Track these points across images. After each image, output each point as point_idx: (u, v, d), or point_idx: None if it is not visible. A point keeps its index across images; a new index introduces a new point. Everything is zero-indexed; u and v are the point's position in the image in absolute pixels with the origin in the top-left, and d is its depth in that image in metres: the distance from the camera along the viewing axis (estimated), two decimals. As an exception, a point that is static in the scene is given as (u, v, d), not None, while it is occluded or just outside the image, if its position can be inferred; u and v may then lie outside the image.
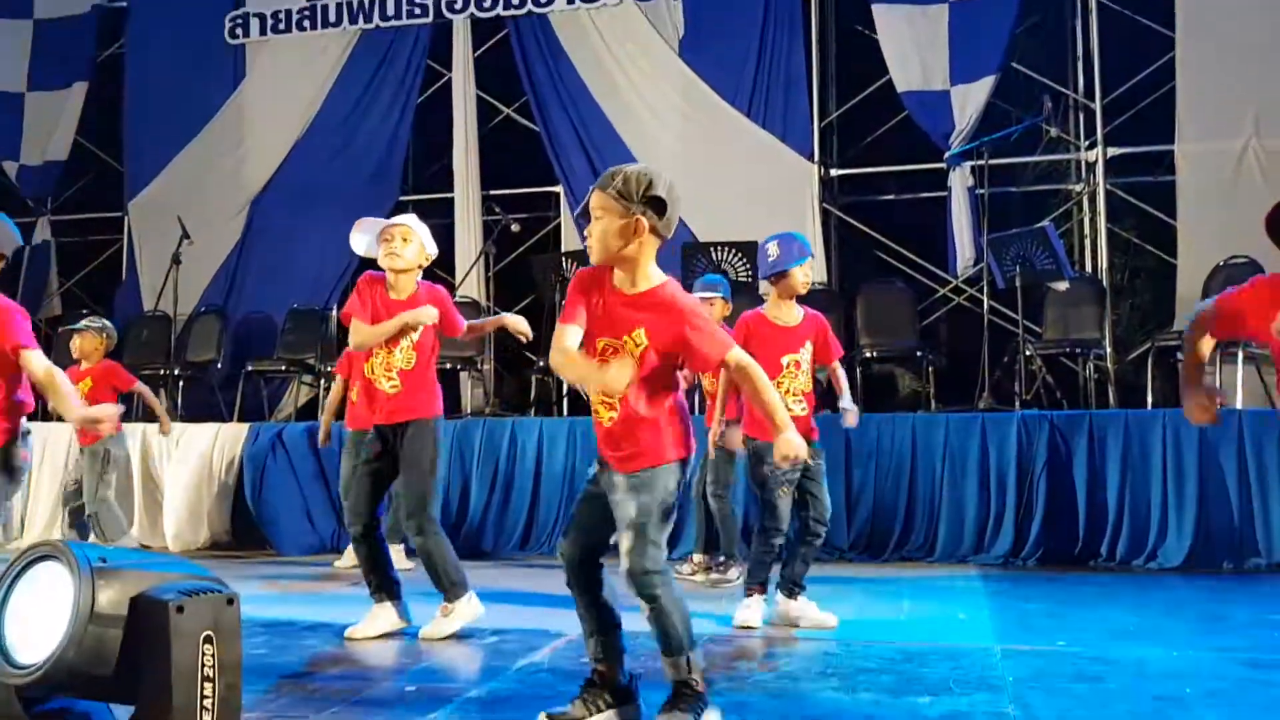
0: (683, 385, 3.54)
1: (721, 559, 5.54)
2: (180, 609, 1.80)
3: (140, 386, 6.21)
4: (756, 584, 4.26)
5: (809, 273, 4.27)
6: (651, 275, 2.80)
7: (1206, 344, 3.00)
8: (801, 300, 4.38)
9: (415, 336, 4.09)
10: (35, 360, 3.29)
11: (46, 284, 9.99)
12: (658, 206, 2.73)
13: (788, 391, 4.19)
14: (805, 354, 4.25)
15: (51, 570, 1.88)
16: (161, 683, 1.78)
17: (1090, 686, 3.21)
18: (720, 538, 5.56)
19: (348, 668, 3.57)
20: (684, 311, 2.75)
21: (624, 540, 2.72)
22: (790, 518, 4.22)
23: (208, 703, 1.81)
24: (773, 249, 4.25)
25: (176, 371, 8.43)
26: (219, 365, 8.77)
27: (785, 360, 4.21)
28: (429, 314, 4.09)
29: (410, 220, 4.19)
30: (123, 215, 9.90)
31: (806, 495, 4.23)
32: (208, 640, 1.83)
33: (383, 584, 4.06)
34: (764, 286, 4.65)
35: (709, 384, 5.49)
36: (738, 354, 2.77)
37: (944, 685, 3.18)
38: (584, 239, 3.00)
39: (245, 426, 6.88)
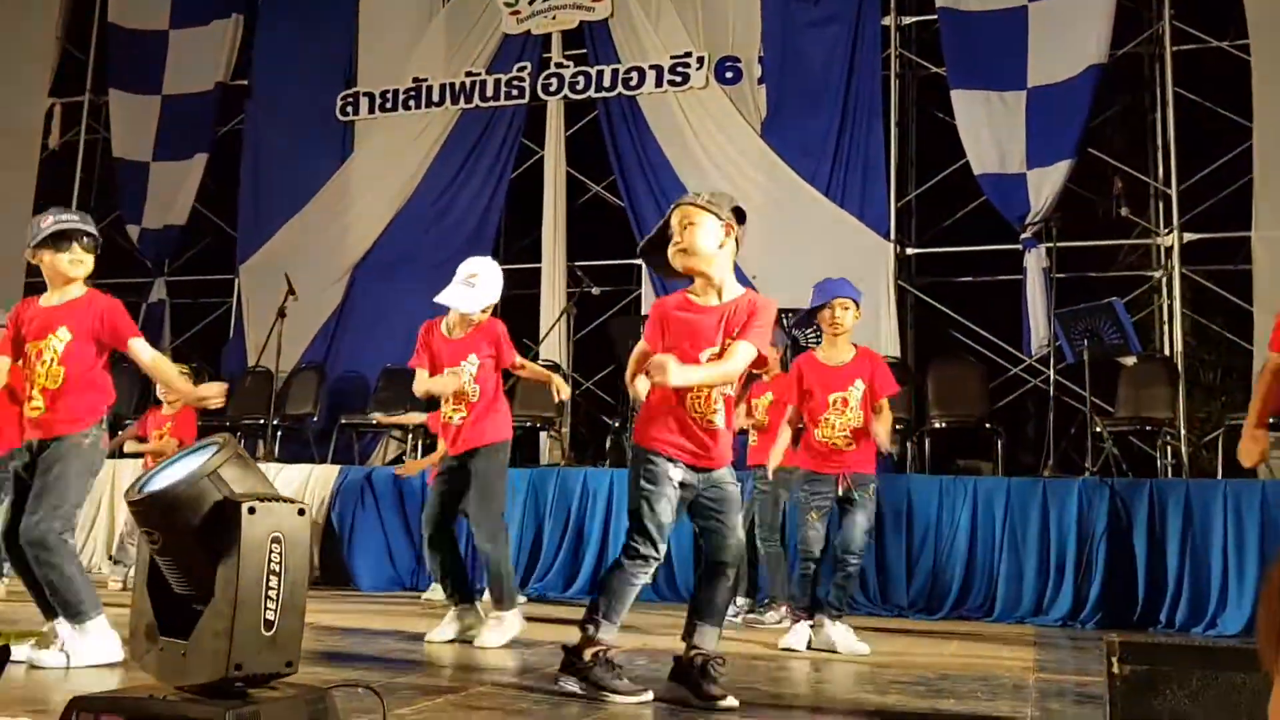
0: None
1: (767, 600, 5.69)
2: (252, 510, 2.08)
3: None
4: (801, 610, 4.47)
5: (841, 312, 4.50)
6: (735, 286, 3.14)
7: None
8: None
9: (473, 370, 4.43)
10: (142, 348, 3.59)
11: (159, 341, 10.60)
12: (740, 217, 3.09)
13: (834, 428, 4.43)
14: (855, 392, 4.46)
15: (209, 449, 2.22)
16: (230, 572, 2.06)
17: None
18: (766, 580, 5.72)
19: (419, 657, 3.85)
20: (761, 308, 3.14)
21: (738, 517, 3.17)
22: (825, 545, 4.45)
23: (272, 593, 2.08)
24: (812, 296, 4.56)
25: (276, 422, 8.89)
26: (315, 419, 9.23)
27: (831, 398, 4.46)
28: (452, 382, 4.44)
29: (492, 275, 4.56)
30: (233, 278, 10.51)
31: (847, 524, 4.44)
32: (275, 541, 2.11)
33: (458, 589, 4.37)
34: None
35: (758, 418, 5.70)
36: (748, 349, 3.09)
37: (972, 694, 3.34)
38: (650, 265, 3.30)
39: (336, 468, 7.28)
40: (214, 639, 2.05)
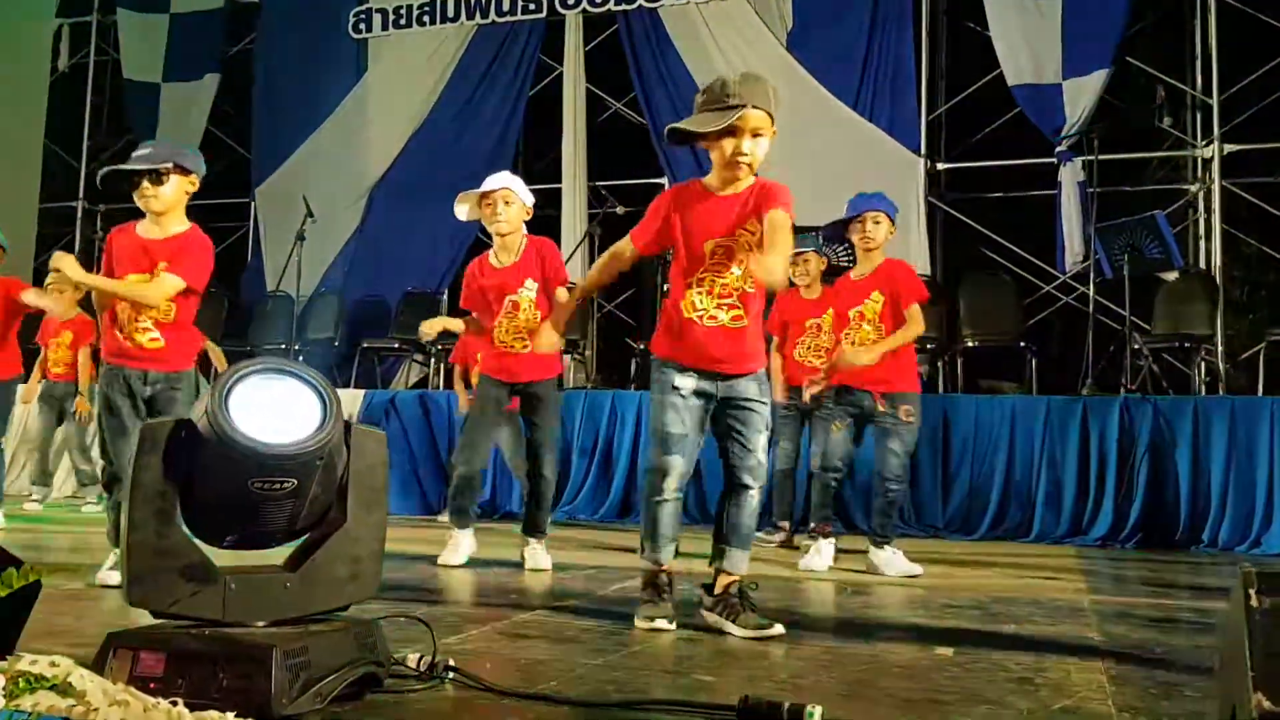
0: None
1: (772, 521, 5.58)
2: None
3: None
4: (822, 522, 4.42)
5: (873, 226, 4.36)
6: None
7: None
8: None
9: (532, 295, 4.27)
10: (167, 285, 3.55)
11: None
12: None
13: (853, 342, 4.31)
14: (872, 305, 4.34)
15: (289, 381, 2.09)
16: (380, 500, 2.19)
17: (1172, 624, 3.24)
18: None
19: (458, 583, 3.77)
20: (780, 194, 2.94)
21: (762, 436, 3.00)
22: (850, 462, 4.38)
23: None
24: (846, 211, 4.42)
25: (297, 347, 8.80)
26: (336, 343, 9.13)
27: (850, 313, 4.40)
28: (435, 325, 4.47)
29: (507, 181, 4.32)
30: (250, 201, 10.35)
31: (880, 450, 4.34)
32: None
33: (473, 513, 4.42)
34: None
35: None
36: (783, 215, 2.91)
37: (1029, 617, 3.24)
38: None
39: (360, 393, 7.20)
40: (356, 565, 2.14)
